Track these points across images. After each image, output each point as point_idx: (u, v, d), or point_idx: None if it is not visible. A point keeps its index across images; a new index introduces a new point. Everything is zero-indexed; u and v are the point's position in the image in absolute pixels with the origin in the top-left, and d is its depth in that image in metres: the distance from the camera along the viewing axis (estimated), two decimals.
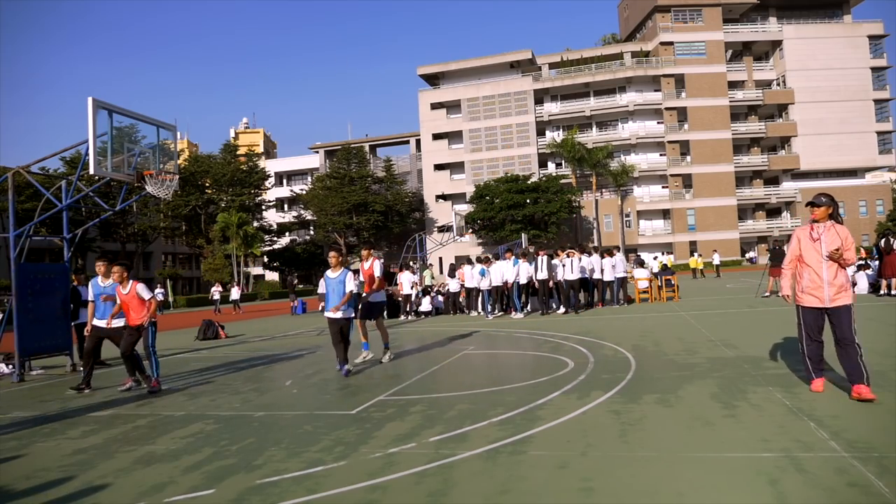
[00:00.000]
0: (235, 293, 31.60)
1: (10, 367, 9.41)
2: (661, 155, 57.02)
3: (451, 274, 18.22)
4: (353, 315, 8.07)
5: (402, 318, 17.63)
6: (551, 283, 15.20)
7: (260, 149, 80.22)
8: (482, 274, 15.80)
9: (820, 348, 5.16)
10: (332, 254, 7.92)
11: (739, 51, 60.75)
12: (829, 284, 4.97)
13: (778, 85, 59.63)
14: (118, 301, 7.31)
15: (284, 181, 71.41)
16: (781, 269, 5.45)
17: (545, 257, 14.97)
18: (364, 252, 8.66)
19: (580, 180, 54.91)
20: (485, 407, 5.39)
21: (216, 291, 32.44)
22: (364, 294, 8.58)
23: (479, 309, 16.37)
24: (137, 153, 9.90)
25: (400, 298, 18.35)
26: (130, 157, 9.83)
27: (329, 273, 7.84)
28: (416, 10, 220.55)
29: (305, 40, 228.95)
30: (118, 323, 7.43)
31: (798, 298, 5.23)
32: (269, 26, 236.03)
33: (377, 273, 8.42)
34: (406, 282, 17.91)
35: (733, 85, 58.30)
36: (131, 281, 7.24)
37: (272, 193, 65.89)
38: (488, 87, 57.82)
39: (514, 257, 15.51)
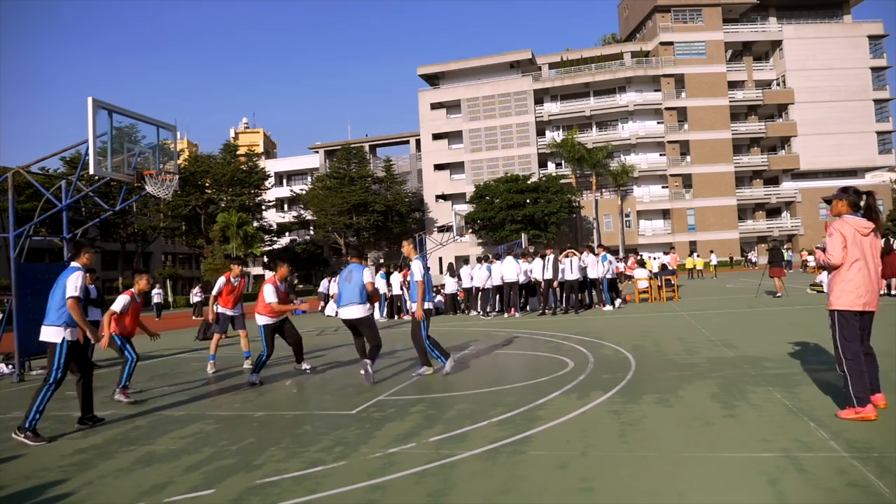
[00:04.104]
0: (157, 296, 26.21)
1: (10, 367, 9.41)
2: (660, 155, 56.99)
3: (451, 273, 18.18)
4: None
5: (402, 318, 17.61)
6: (556, 284, 15.08)
7: (260, 149, 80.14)
8: (489, 271, 15.79)
9: None
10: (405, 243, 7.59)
11: (739, 51, 60.70)
12: None
13: (778, 85, 59.60)
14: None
15: (284, 181, 71.36)
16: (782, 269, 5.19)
17: (552, 256, 14.81)
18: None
19: (580, 180, 54.86)
20: (485, 407, 5.39)
21: (157, 294, 26.40)
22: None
23: (479, 309, 16.37)
24: (137, 153, 9.90)
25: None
26: (130, 157, 9.83)
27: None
28: (416, 10, 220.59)
29: (305, 40, 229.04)
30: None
31: None
32: (269, 26, 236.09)
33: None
34: (395, 283, 17.73)
35: (733, 85, 58.26)
36: None
37: (272, 193, 65.81)
38: (488, 87, 57.78)
39: (510, 256, 15.60)
